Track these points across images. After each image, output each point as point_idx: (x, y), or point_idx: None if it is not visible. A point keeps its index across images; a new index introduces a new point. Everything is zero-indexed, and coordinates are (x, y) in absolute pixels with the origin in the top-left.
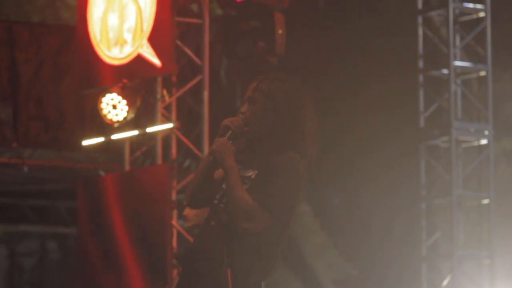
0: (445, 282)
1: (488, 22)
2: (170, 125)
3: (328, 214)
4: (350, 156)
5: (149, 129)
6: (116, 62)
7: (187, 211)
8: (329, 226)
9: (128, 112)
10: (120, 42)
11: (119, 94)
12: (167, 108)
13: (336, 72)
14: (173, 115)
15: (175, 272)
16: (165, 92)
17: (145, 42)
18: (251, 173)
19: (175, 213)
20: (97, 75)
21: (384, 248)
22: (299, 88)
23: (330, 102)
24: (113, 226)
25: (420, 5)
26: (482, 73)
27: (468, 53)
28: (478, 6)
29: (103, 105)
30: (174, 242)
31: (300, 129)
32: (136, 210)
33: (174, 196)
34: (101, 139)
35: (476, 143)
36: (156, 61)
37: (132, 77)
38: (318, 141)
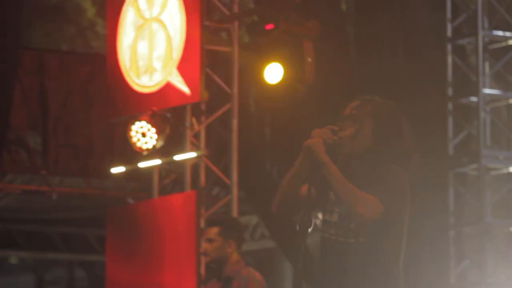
0: None
1: None
2: (199, 153)
3: None
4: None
5: (178, 157)
6: (145, 90)
7: (205, 246)
8: None
9: (157, 140)
10: (150, 70)
11: (148, 122)
12: (196, 136)
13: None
14: (202, 143)
15: None
16: (194, 120)
17: (174, 70)
18: None
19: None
20: (126, 103)
21: (412, 275)
22: (397, 108)
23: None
24: (142, 254)
25: (449, 33)
26: (511, 101)
27: (498, 81)
28: (508, 34)
29: (132, 133)
30: (202, 269)
31: (404, 145)
32: (165, 238)
33: (202, 224)
34: (130, 167)
35: (505, 171)
36: (185, 89)
37: (162, 105)
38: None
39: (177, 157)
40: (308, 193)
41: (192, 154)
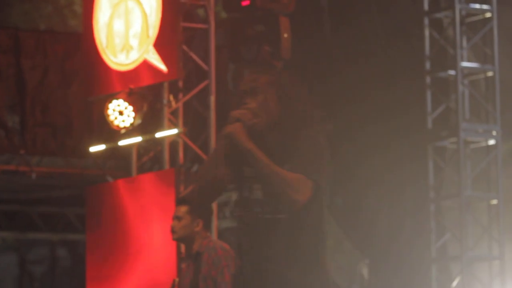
0: (454, 284)
1: (495, 22)
2: (176, 131)
3: (333, 214)
4: (357, 157)
5: (156, 135)
6: (122, 68)
7: (174, 223)
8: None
9: (134, 118)
10: (126, 48)
11: (125, 100)
12: (174, 113)
13: (342, 75)
14: (180, 120)
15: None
16: (171, 97)
17: (151, 48)
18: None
19: None
20: (103, 82)
21: (392, 249)
22: (294, 77)
23: (337, 104)
24: (121, 232)
25: (426, 6)
26: (490, 74)
27: (475, 54)
28: (485, 6)
29: (109, 112)
30: (182, 247)
31: (309, 113)
32: (144, 216)
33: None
34: (108, 146)
35: (484, 144)
36: (162, 66)
37: (139, 83)
38: (327, 119)
39: (158, 135)
40: (224, 175)
41: (171, 132)
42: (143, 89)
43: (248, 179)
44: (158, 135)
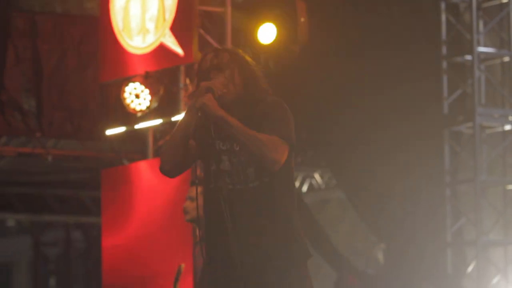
0: (469, 268)
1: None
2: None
3: (349, 199)
4: (373, 139)
5: (173, 118)
6: (138, 52)
7: (187, 203)
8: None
9: (151, 101)
10: (143, 31)
11: (142, 83)
12: (191, 96)
13: (359, 59)
14: None
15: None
16: (188, 80)
17: (167, 31)
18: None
19: None
20: (119, 65)
21: (407, 234)
22: (243, 54)
23: (352, 87)
24: (137, 215)
25: None
26: (506, 59)
27: (492, 39)
28: None
29: (126, 95)
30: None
31: (264, 87)
32: (160, 199)
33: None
34: (124, 129)
35: (500, 129)
36: (178, 50)
37: (155, 66)
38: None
39: (174, 118)
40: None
41: None
42: (159, 73)
43: (221, 152)
44: (175, 118)
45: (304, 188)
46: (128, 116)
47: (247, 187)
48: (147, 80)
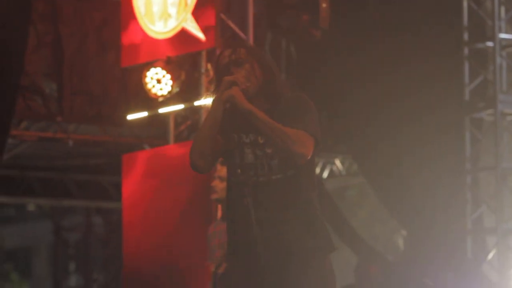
0: (490, 256)
1: None
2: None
3: (371, 184)
4: (394, 127)
5: (195, 103)
6: (160, 36)
7: (216, 182)
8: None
9: (172, 86)
10: (165, 16)
11: (163, 68)
12: (212, 82)
13: (379, 45)
14: None
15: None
16: (209, 66)
17: (189, 16)
18: None
19: None
20: (141, 50)
21: (427, 220)
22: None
23: (374, 74)
24: (157, 200)
25: None
26: None
27: None
28: None
29: (147, 80)
30: (219, 214)
31: (285, 80)
32: (180, 184)
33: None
34: (145, 114)
35: None
36: (200, 35)
37: (177, 51)
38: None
39: (195, 103)
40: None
41: (208, 100)
42: (180, 58)
43: (244, 145)
44: (197, 103)
45: (325, 174)
46: (149, 101)
47: (271, 179)
48: (169, 65)
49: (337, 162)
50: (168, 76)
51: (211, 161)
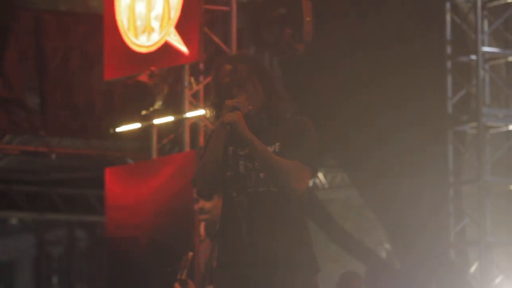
0: (472, 269)
1: None
2: (199, 112)
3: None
4: (376, 140)
5: (177, 117)
6: (143, 50)
7: (202, 203)
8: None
9: (155, 100)
10: (148, 30)
11: (146, 82)
12: (195, 95)
13: (363, 58)
14: (201, 102)
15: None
16: (192, 79)
17: (172, 30)
18: (273, 147)
19: None
20: (124, 63)
21: (410, 233)
22: (261, 59)
23: (358, 87)
24: (141, 214)
25: None
26: (510, 59)
27: (496, 39)
28: None
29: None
30: (202, 229)
31: (283, 94)
32: (164, 198)
33: None
34: (129, 127)
35: (504, 129)
36: (183, 48)
37: (160, 65)
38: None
39: (178, 117)
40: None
41: (191, 114)
42: (164, 71)
43: (239, 157)
44: (188, 115)
45: None
46: (133, 115)
47: (258, 191)
48: (152, 78)
49: (320, 176)
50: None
51: (217, 185)
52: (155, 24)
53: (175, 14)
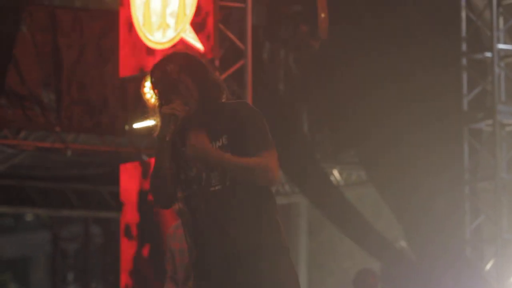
0: (488, 266)
1: None
2: None
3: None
4: (393, 138)
5: None
6: (158, 47)
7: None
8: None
9: None
10: (163, 26)
11: None
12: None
13: (379, 56)
14: None
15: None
16: None
17: (188, 26)
18: (220, 141)
19: None
20: (139, 60)
21: (426, 230)
22: (188, 54)
23: (375, 86)
24: (156, 210)
25: None
26: None
27: None
28: None
29: (146, 90)
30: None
31: (221, 83)
32: None
33: None
34: (143, 124)
35: None
36: (198, 45)
37: None
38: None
39: None
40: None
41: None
42: None
43: (187, 162)
44: None
45: None
46: (147, 111)
47: (211, 190)
48: None
49: (335, 173)
50: None
51: (175, 195)
52: (171, 21)
53: (190, 10)
